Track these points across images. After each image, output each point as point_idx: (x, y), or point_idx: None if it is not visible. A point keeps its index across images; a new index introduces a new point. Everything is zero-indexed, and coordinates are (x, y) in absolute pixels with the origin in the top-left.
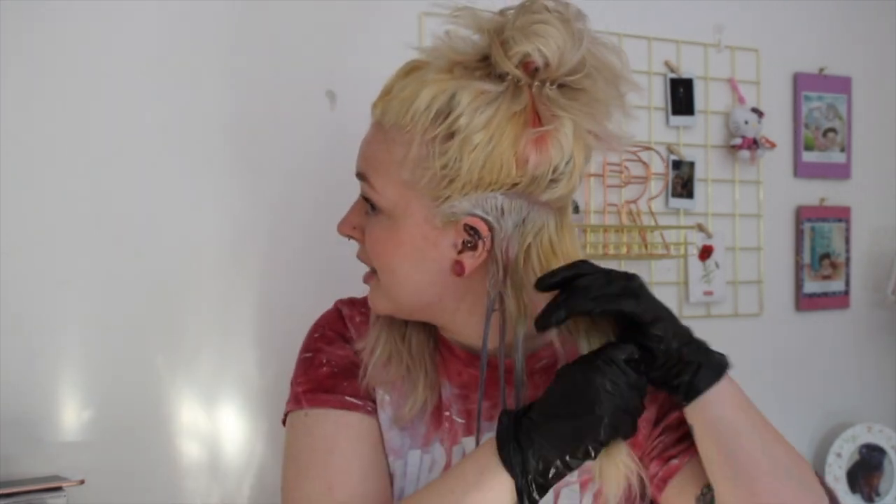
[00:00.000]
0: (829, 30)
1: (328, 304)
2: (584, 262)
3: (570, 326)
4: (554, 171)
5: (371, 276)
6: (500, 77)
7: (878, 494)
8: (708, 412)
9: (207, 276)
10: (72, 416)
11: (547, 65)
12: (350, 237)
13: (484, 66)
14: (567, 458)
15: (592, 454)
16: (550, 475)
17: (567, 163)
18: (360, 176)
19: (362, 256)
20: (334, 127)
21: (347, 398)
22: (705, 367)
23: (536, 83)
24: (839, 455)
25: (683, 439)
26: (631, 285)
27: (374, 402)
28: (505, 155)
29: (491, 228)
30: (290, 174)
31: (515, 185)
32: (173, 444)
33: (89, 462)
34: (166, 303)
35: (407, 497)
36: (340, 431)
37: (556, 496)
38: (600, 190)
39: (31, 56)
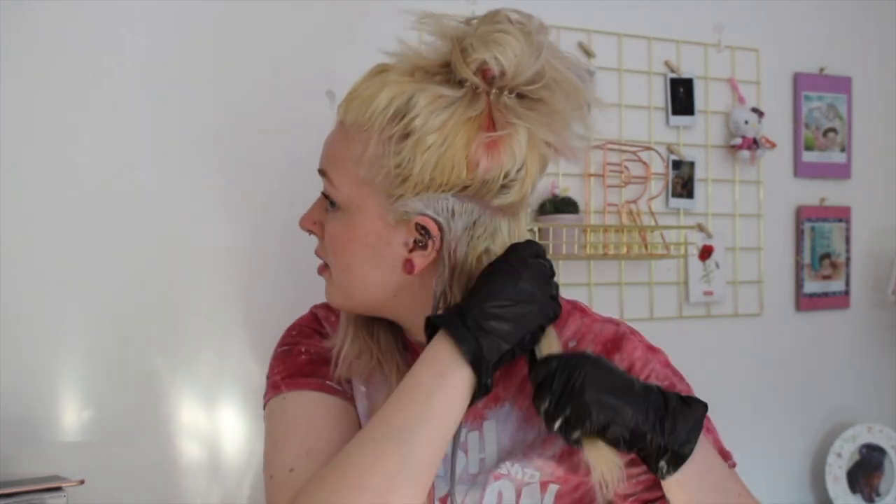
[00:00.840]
0: (829, 30)
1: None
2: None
3: None
4: (505, 177)
5: (324, 270)
6: (460, 83)
7: (878, 494)
8: (677, 495)
9: (207, 277)
10: (72, 416)
11: (503, 73)
12: (310, 232)
13: (444, 71)
14: (517, 343)
15: (536, 338)
16: (500, 362)
17: (519, 170)
18: (321, 172)
19: (320, 252)
20: (334, 127)
21: (327, 382)
22: (670, 451)
23: (494, 91)
24: (839, 455)
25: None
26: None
27: (351, 390)
28: (457, 157)
29: (441, 229)
30: (291, 174)
31: (466, 187)
32: (173, 444)
33: (89, 462)
34: (166, 303)
35: (369, 422)
36: (320, 410)
37: (518, 495)
38: (600, 190)
39: (30, 56)
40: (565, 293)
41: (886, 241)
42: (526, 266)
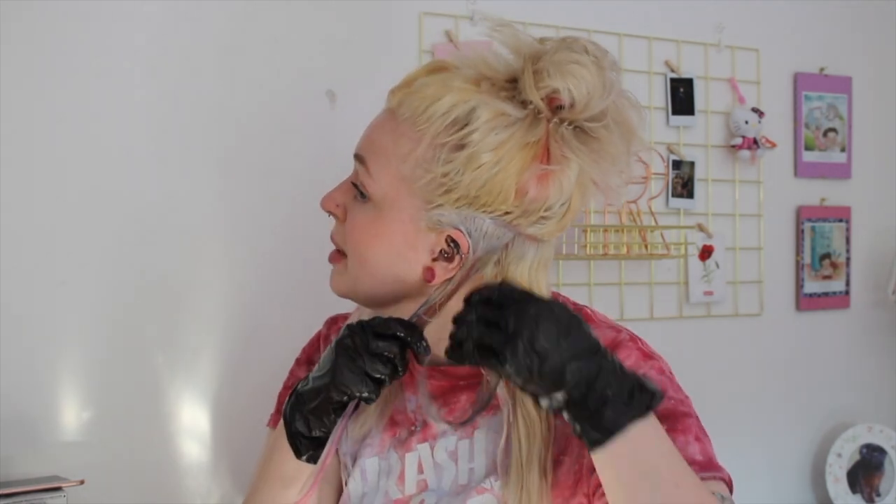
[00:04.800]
0: (830, 30)
1: (329, 304)
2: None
3: None
4: (547, 210)
5: (339, 258)
6: (523, 104)
7: (878, 495)
8: (610, 470)
9: (207, 276)
10: (71, 416)
11: (572, 105)
12: (331, 213)
13: (511, 87)
14: (311, 417)
15: (332, 416)
16: (312, 434)
17: (562, 204)
18: (359, 158)
19: (336, 237)
20: (334, 127)
21: None
22: (610, 404)
23: (556, 120)
24: (839, 455)
25: None
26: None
27: None
28: (507, 182)
29: (470, 248)
30: (291, 174)
31: (507, 213)
32: (173, 444)
33: (89, 462)
34: (166, 303)
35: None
36: None
37: None
38: None
39: (30, 56)
40: (565, 293)
41: (886, 241)
42: (334, 349)
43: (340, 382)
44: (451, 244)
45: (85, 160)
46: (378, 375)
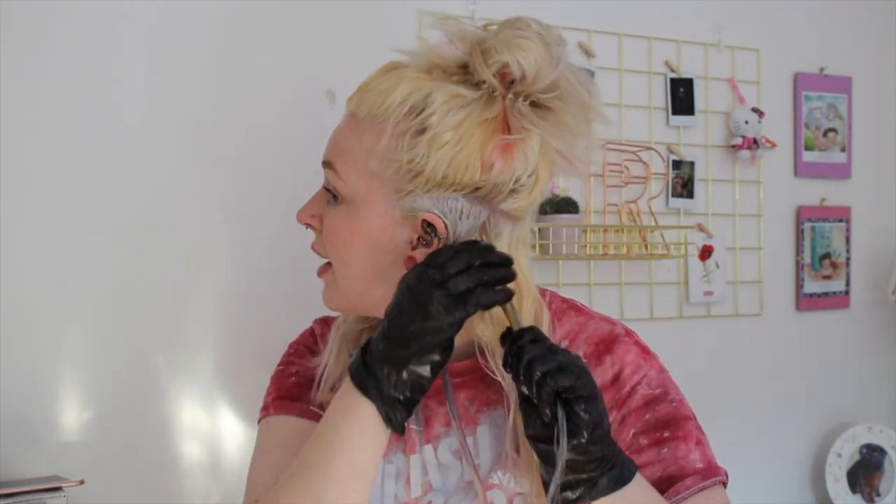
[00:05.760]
0: (830, 30)
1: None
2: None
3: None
4: (516, 182)
5: (326, 270)
6: (476, 85)
7: (878, 494)
8: None
9: (207, 276)
10: (72, 416)
11: (523, 77)
12: (308, 226)
13: (462, 73)
14: (412, 366)
15: (438, 357)
16: (407, 389)
17: (530, 175)
18: (327, 164)
19: (318, 248)
20: (334, 127)
21: (310, 408)
22: (618, 467)
23: (510, 96)
24: (839, 455)
25: None
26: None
27: None
28: (471, 157)
29: (447, 228)
30: (290, 174)
31: (477, 189)
32: (173, 444)
33: (89, 462)
34: (166, 303)
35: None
36: (299, 439)
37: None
38: (600, 190)
39: (30, 57)
40: (565, 293)
41: (886, 241)
42: (406, 285)
43: (431, 315)
44: (428, 228)
45: (85, 160)
46: (463, 288)
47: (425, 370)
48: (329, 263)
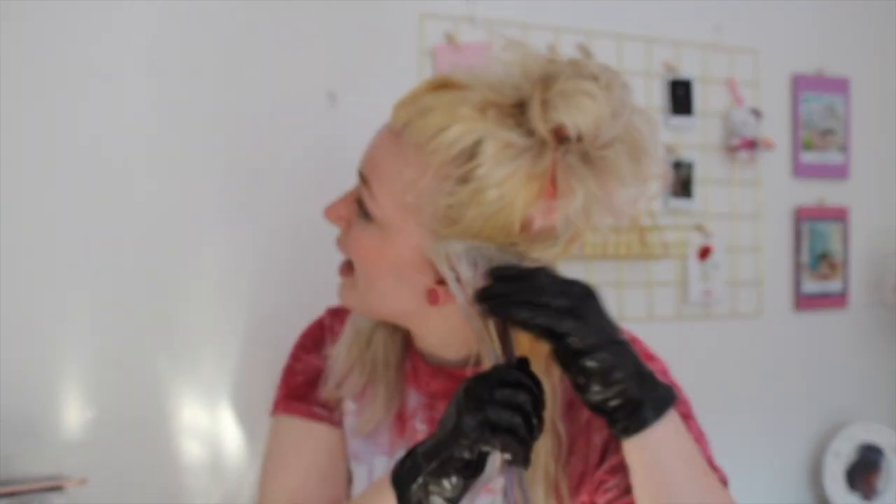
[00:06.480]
0: (828, 30)
1: (328, 304)
2: (544, 268)
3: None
4: (553, 238)
5: (348, 272)
6: (530, 131)
7: (876, 494)
8: (644, 454)
9: (208, 276)
10: (73, 415)
11: (580, 138)
12: (335, 223)
13: (518, 113)
14: (435, 486)
15: (454, 478)
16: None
17: (568, 231)
18: (363, 177)
19: (342, 244)
20: (334, 127)
21: (315, 408)
22: (647, 404)
23: (562, 149)
24: (837, 454)
25: (630, 491)
26: (579, 305)
27: (340, 412)
28: (512, 217)
29: (465, 281)
30: (290, 174)
31: (513, 244)
32: (175, 443)
33: (91, 461)
34: (167, 302)
35: None
36: (304, 442)
37: None
38: None
39: (30, 56)
40: None
41: (884, 242)
42: (455, 402)
43: (462, 432)
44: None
45: (85, 160)
46: (504, 423)
47: (451, 492)
48: (351, 264)
